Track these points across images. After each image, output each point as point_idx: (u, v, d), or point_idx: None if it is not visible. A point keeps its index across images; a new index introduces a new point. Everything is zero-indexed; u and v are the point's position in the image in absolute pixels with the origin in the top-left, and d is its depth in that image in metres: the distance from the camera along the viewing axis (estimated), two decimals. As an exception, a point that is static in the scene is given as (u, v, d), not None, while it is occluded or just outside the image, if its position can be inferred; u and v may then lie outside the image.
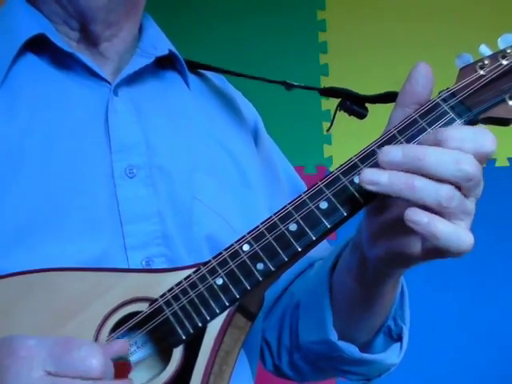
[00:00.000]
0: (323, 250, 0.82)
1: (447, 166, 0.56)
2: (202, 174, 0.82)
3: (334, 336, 0.78)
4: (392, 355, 0.81)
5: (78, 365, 0.55)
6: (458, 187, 0.57)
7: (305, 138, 2.13)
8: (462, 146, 0.57)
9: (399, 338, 0.81)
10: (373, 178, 0.58)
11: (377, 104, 0.84)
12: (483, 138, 0.58)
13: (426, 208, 0.57)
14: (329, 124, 0.91)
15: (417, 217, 0.57)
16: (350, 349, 0.79)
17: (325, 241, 0.68)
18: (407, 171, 0.58)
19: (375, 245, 0.66)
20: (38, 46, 0.79)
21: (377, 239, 0.66)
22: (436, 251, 0.60)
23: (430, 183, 0.57)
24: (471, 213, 0.59)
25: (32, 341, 0.57)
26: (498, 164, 2.11)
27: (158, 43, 0.87)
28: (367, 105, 0.86)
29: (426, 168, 0.57)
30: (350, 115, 0.86)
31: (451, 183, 0.57)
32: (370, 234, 0.66)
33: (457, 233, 0.57)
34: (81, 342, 0.57)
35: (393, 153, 0.58)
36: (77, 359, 0.56)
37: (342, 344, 0.78)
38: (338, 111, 0.86)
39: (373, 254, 0.67)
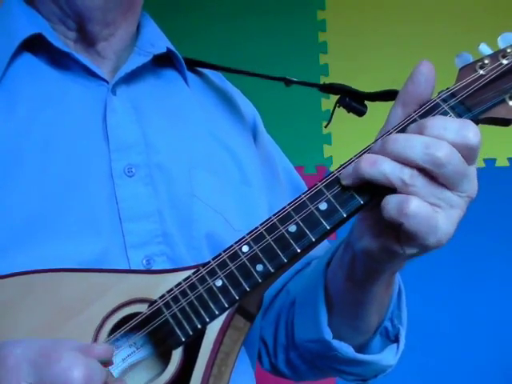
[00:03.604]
0: (322, 248, 0.81)
1: (414, 150, 0.57)
2: (201, 171, 0.81)
3: (328, 335, 0.77)
4: (388, 356, 0.81)
5: (58, 378, 0.54)
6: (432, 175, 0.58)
7: (305, 138, 2.13)
8: (443, 134, 0.57)
9: (396, 339, 0.81)
10: (344, 171, 0.62)
11: (377, 103, 0.84)
12: (466, 129, 0.58)
13: None
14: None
15: (388, 198, 0.58)
16: (345, 348, 0.78)
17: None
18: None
19: (362, 238, 0.66)
20: (35, 45, 0.79)
21: (364, 233, 0.66)
22: (411, 235, 0.59)
23: (392, 162, 0.58)
24: (454, 205, 0.59)
25: (19, 349, 0.56)
26: (497, 164, 2.10)
27: (156, 41, 0.87)
28: (367, 103, 0.86)
29: (394, 152, 0.58)
30: (348, 112, 0.86)
31: (424, 169, 0.57)
32: (360, 229, 0.66)
33: (428, 213, 0.57)
34: (62, 352, 0.55)
35: (376, 143, 0.61)
36: (56, 372, 0.54)
37: (337, 343, 0.78)
38: (336, 107, 0.86)
39: (360, 248, 0.67)
